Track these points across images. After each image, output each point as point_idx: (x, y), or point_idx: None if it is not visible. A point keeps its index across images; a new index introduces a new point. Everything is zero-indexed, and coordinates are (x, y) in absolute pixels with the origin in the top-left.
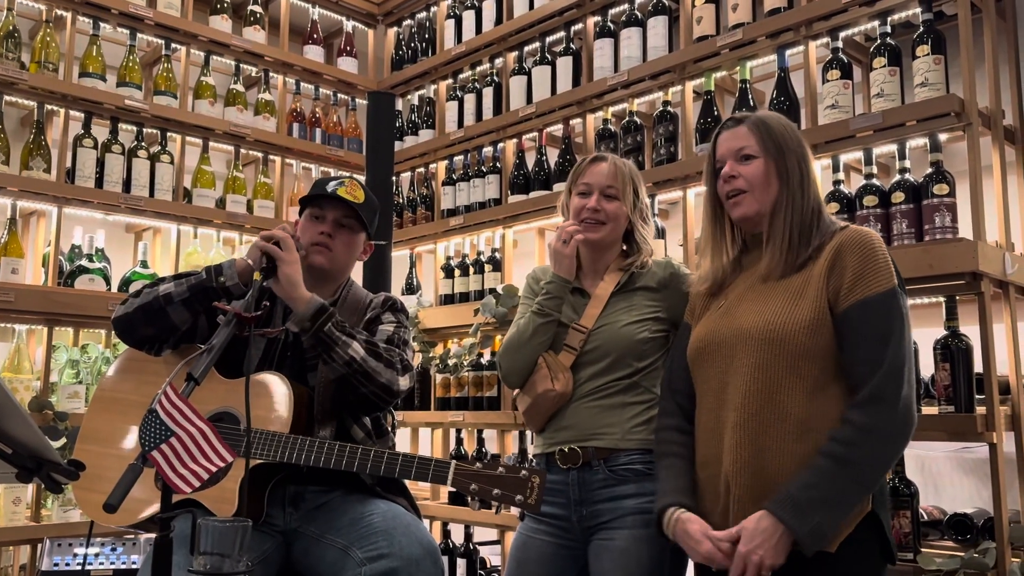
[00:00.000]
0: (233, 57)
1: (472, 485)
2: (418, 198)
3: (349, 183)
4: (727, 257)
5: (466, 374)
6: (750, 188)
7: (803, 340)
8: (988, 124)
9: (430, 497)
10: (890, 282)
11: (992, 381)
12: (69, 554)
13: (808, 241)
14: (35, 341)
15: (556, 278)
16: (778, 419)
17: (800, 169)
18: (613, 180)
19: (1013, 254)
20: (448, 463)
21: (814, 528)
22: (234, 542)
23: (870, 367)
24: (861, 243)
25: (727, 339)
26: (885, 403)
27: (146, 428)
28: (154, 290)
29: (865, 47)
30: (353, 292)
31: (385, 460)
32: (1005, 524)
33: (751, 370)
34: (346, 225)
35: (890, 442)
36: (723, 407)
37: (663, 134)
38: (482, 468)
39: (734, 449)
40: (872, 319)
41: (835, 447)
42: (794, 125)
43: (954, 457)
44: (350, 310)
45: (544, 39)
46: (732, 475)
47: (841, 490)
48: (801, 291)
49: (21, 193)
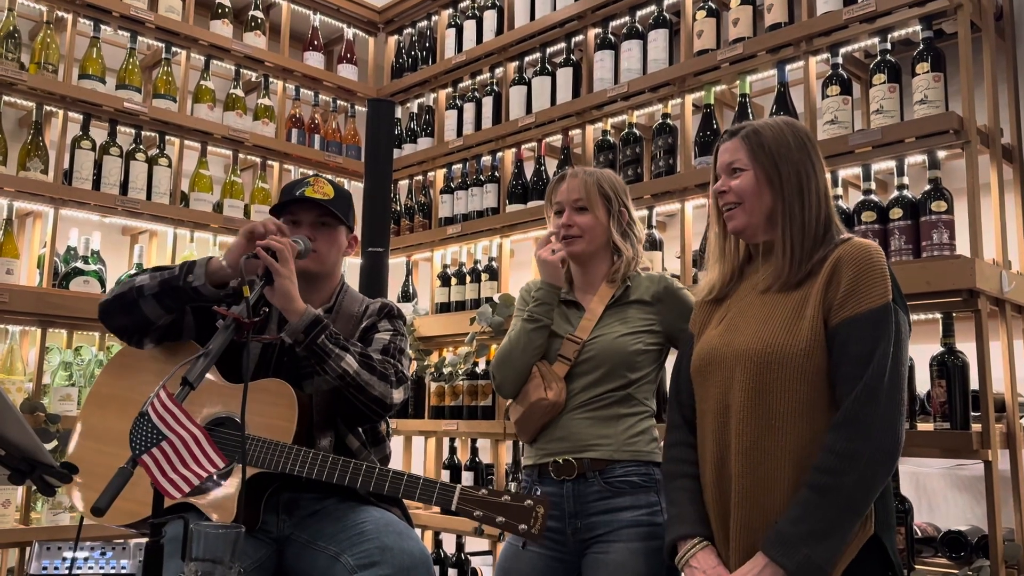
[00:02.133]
0: (233, 62)
1: (476, 512)
2: (416, 206)
3: (315, 181)
4: (729, 266)
5: (461, 383)
6: (740, 201)
7: (801, 363)
8: (986, 142)
9: (422, 507)
10: (883, 298)
11: (988, 398)
12: (58, 558)
13: (811, 253)
14: (28, 342)
15: (545, 285)
16: (777, 446)
17: (799, 177)
18: (580, 193)
19: (1010, 272)
20: (453, 487)
21: (802, 563)
22: (226, 548)
23: (850, 386)
24: (857, 257)
25: (727, 358)
26: (860, 425)
27: (136, 431)
28: (132, 280)
29: (865, 64)
30: (349, 297)
31: (389, 479)
32: (999, 542)
33: (749, 393)
34: (325, 224)
35: (872, 465)
36: (726, 430)
37: (662, 146)
38: (487, 495)
39: (737, 477)
40: (857, 336)
41: (818, 477)
42: (799, 131)
43: (948, 474)
44: (346, 316)
45: (544, 50)
46: (735, 504)
47: (829, 520)
48: (799, 310)
49: (18, 193)
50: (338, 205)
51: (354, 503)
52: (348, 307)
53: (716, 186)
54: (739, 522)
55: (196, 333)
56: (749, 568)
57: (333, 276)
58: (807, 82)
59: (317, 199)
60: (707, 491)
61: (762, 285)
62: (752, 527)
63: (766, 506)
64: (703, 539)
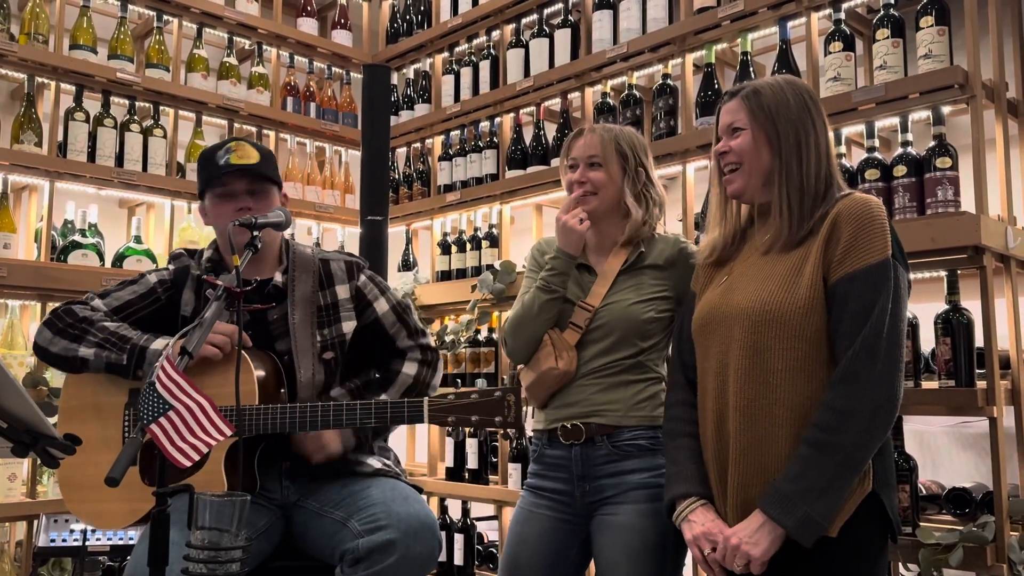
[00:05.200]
0: (226, 29)
1: (449, 417)
2: (414, 174)
3: (237, 147)
4: (730, 228)
5: (463, 351)
6: (740, 161)
7: (799, 320)
8: (992, 97)
9: (427, 472)
10: (883, 253)
11: (993, 355)
12: (65, 530)
13: (811, 211)
14: (28, 317)
15: (562, 254)
16: (775, 404)
17: (797, 136)
18: (595, 149)
19: (1015, 228)
20: (421, 401)
21: (803, 520)
22: (232, 516)
23: (848, 342)
24: (857, 213)
25: (726, 317)
26: (858, 382)
27: (144, 402)
28: (73, 348)
29: (868, 19)
30: (299, 252)
31: (359, 411)
32: (1004, 498)
33: (747, 351)
34: (257, 191)
35: (870, 421)
36: (725, 388)
37: (663, 107)
38: (455, 399)
39: (735, 435)
40: (856, 293)
41: (816, 434)
42: (800, 89)
43: (952, 431)
44: (302, 270)
45: (542, 11)
46: (733, 461)
47: (828, 476)
48: (799, 267)
49: (12, 167)
50: (266, 167)
51: (357, 469)
52: (302, 261)
53: (717, 147)
54: (736, 479)
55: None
56: (747, 525)
57: (278, 238)
58: (809, 39)
59: (247, 166)
60: (707, 449)
61: (763, 246)
62: (749, 483)
63: (763, 463)
64: (701, 497)
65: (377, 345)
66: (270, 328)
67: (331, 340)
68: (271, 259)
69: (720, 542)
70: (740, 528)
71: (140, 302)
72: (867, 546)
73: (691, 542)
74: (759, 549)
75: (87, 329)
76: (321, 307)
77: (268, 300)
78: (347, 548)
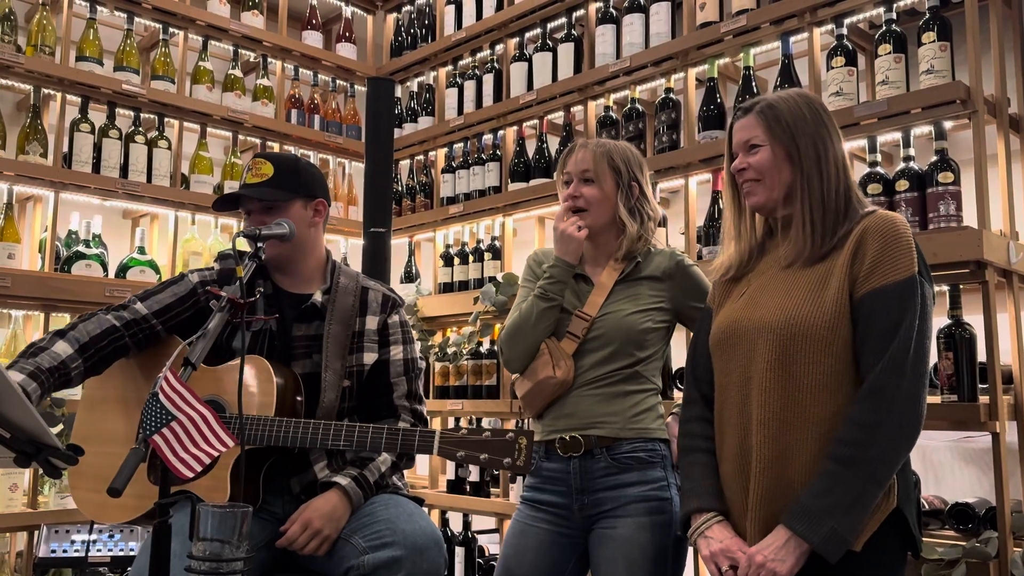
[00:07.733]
0: (231, 42)
1: (459, 452)
2: (417, 186)
3: (254, 164)
4: (746, 244)
5: (465, 363)
6: (760, 177)
7: (825, 334)
8: (993, 112)
9: (429, 485)
10: (909, 270)
11: (995, 370)
12: (66, 540)
13: (833, 227)
14: (32, 327)
15: (560, 262)
16: (800, 418)
17: (816, 150)
18: (588, 164)
19: (1017, 243)
20: (433, 432)
21: (829, 535)
22: (234, 528)
23: (875, 358)
24: (883, 230)
25: (749, 330)
26: (885, 398)
27: (147, 412)
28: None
29: (870, 34)
30: (344, 275)
31: (370, 435)
32: (1007, 513)
33: (772, 365)
34: (272, 207)
35: (895, 437)
36: (748, 402)
37: (665, 121)
38: (467, 434)
39: (759, 448)
40: (884, 308)
41: (842, 449)
42: (814, 103)
43: (955, 446)
44: (343, 293)
45: (545, 25)
46: (755, 475)
47: (854, 492)
48: (824, 281)
49: (17, 178)
50: (279, 181)
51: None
52: (344, 285)
53: (734, 165)
54: (759, 493)
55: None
56: (771, 541)
57: (313, 251)
58: (811, 54)
59: (255, 184)
60: (728, 463)
61: (784, 260)
62: (772, 498)
63: (787, 477)
64: (717, 513)
65: (370, 388)
66: (292, 344)
67: (352, 368)
68: (312, 275)
69: (743, 560)
70: (764, 545)
71: (179, 305)
72: (889, 561)
73: (708, 558)
74: (785, 566)
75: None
76: (352, 334)
77: (303, 316)
78: (352, 565)
